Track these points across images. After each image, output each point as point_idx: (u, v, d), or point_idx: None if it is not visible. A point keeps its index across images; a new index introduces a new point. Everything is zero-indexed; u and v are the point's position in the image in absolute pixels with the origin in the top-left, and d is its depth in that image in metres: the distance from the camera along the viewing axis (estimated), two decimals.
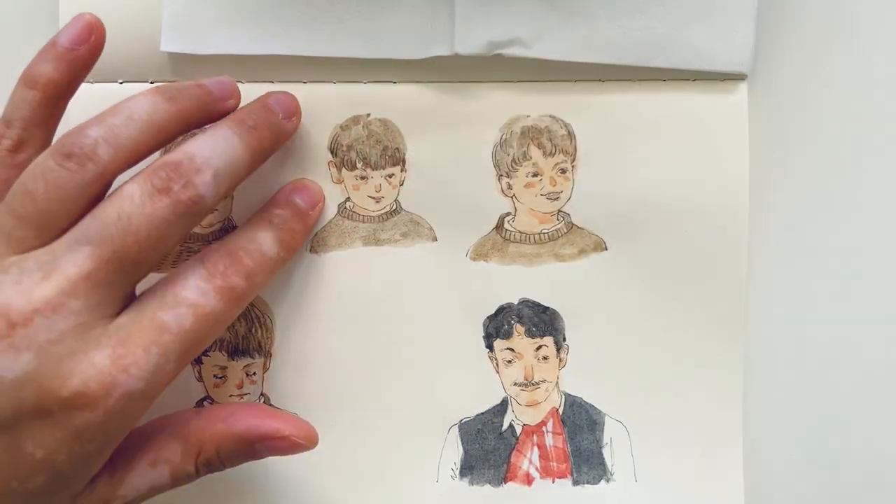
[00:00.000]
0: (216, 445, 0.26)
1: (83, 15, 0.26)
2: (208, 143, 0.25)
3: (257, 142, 0.27)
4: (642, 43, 0.29)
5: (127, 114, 0.25)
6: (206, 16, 0.29)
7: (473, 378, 0.30)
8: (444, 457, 0.30)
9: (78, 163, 0.24)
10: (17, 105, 0.26)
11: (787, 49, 0.30)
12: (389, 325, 0.30)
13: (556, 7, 0.29)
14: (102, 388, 0.23)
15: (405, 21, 0.29)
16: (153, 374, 0.24)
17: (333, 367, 0.30)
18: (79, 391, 0.23)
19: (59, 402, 0.23)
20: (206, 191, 0.25)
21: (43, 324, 0.23)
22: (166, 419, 0.27)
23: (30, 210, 0.24)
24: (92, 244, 0.24)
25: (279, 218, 0.28)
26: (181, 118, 0.26)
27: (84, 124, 0.25)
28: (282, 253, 0.28)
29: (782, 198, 0.30)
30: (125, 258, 0.24)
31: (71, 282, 0.23)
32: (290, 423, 0.27)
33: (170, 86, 0.26)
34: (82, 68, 0.26)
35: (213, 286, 0.25)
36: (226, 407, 0.27)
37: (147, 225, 0.24)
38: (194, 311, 0.25)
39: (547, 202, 0.30)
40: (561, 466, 0.30)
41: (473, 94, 0.30)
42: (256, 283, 0.27)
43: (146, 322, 0.24)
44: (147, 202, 0.24)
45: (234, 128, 0.26)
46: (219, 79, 0.28)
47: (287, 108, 0.28)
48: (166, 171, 0.24)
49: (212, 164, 0.25)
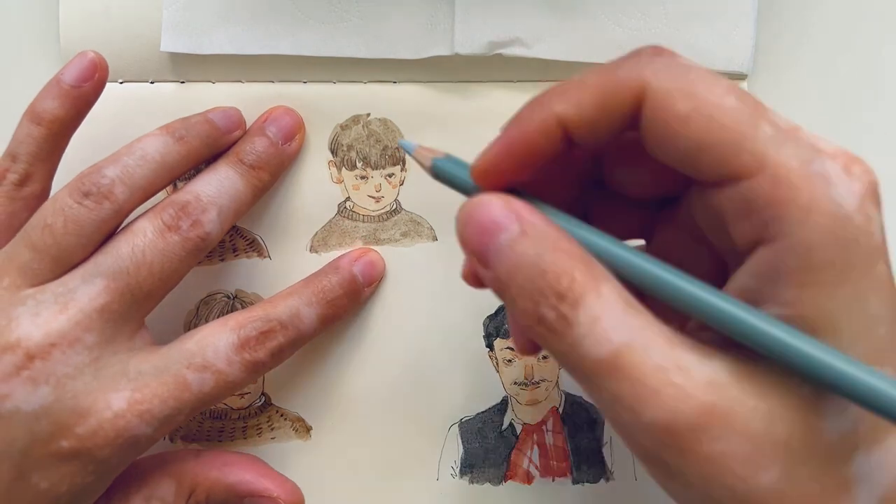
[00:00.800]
0: (207, 492, 0.27)
1: (86, 53, 0.27)
2: (213, 182, 0.27)
3: (258, 180, 0.28)
4: (643, 43, 0.29)
5: (140, 154, 0.26)
6: (205, 16, 0.29)
7: (474, 377, 0.30)
8: (445, 455, 0.30)
9: (96, 201, 0.25)
10: (22, 140, 0.26)
11: (787, 49, 0.30)
12: (389, 325, 0.30)
13: (556, 7, 0.29)
14: (115, 430, 0.24)
15: (405, 21, 0.29)
16: (164, 423, 0.25)
17: (333, 367, 0.30)
18: (94, 431, 0.24)
19: (73, 441, 0.24)
20: (212, 228, 0.26)
21: (60, 358, 0.24)
22: (165, 457, 0.28)
23: (48, 244, 0.25)
24: (107, 277, 0.25)
25: (333, 293, 0.28)
26: (191, 157, 0.27)
27: (101, 163, 0.26)
28: (319, 330, 0.28)
29: None
30: (138, 291, 0.25)
31: (86, 314, 0.24)
32: (282, 486, 0.27)
33: (180, 124, 0.27)
34: (85, 105, 0.27)
35: (240, 358, 0.26)
36: (224, 455, 0.28)
37: (160, 259, 0.25)
38: (217, 378, 0.25)
39: None
40: (561, 465, 0.30)
41: (473, 94, 0.30)
42: (283, 359, 0.27)
43: (170, 377, 0.25)
44: (159, 239, 0.25)
45: (236, 167, 0.28)
46: (225, 111, 0.29)
47: (288, 132, 0.29)
48: (175, 210, 0.26)
49: (216, 203, 0.26)
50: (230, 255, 0.30)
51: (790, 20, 0.30)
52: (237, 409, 0.30)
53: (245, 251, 0.30)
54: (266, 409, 0.30)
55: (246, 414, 0.30)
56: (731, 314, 0.17)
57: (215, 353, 0.25)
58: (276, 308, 0.27)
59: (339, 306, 0.28)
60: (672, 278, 0.18)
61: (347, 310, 0.29)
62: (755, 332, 0.17)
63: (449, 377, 0.30)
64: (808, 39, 0.30)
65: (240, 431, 0.30)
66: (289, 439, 0.30)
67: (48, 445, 0.24)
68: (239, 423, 0.30)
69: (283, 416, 0.31)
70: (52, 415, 0.24)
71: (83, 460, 0.24)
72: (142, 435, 0.24)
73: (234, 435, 0.30)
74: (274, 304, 0.27)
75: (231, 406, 0.30)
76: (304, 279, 0.29)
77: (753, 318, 0.17)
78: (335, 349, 0.30)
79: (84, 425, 0.24)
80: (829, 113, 0.30)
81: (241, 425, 0.30)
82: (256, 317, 0.26)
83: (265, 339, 0.26)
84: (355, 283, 0.29)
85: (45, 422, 0.24)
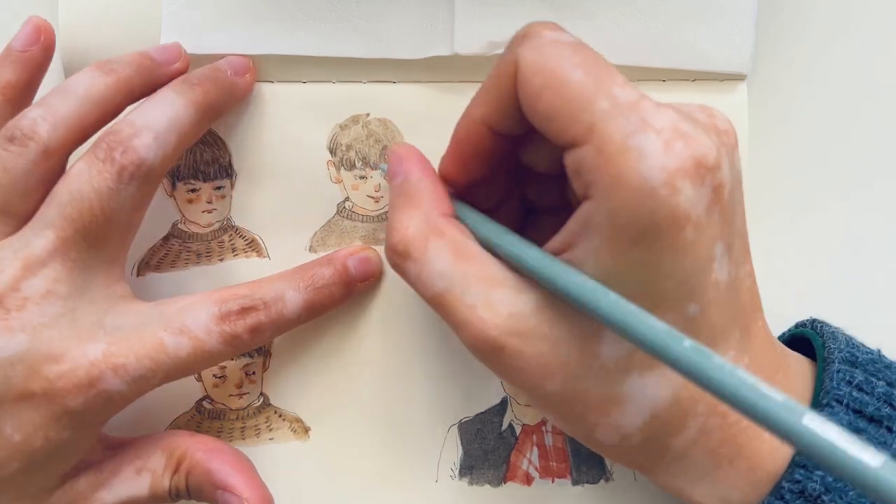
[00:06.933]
0: (189, 469, 0.27)
1: (31, 18, 0.27)
2: (148, 106, 0.26)
3: (202, 96, 0.27)
4: (642, 43, 0.29)
5: (64, 91, 0.26)
6: (205, 15, 0.29)
7: (473, 378, 0.30)
8: (444, 457, 0.30)
9: (20, 144, 0.25)
10: None
11: (786, 49, 0.30)
12: (389, 325, 0.30)
13: (556, 7, 0.29)
14: (88, 379, 0.24)
15: (405, 21, 0.29)
16: (136, 382, 0.25)
17: (333, 367, 0.30)
18: (67, 375, 0.24)
19: (45, 383, 0.24)
20: (148, 153, 0.25)
21: (35, 310, 0.24)
22: (163, 434, 0.28)
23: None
24: (54, 227, 0.24)
25: (322, 280, 0.28)
26: (122, 88, 0.26)
27: (26, 109, 0.25)
28: (304, 317, 0.28)
29: (781, 198, 0.30)
30: (89, 235, 0.25)
31: (48, 266, 0.24)
32: (255, 490, 0.26)
33: (110, 59, 0.27)
34: (37, 68, 0.27)
35: (219, 329, 0.26)
36: (216, 442, 0.28)
37: (99, 198, 0.25)
38: (194, 345, 0.25)
39: None
40: (560, 466, 0.30)
41: (473, 93, 0.30)
42: (262, 339, 0.27)
43: (147, 335, 0.25)
44: (95, 176, 0.25)
45: (175, 87, 0.27)
46: (163, 45, 0.28)
47: (237, 67, 0.29)
48: (107, 142, 0.25)
49: (152, 127, 0.25)
50: (229, 254, 0.30)
51: (790, 20, 0.30)
52: (235, 410, 0.30)
53: (244, 251, 0.30)
54: (264, 410, 0.30)
55: (244, 414, 0.30)
56: (530, 263, 0.21)
57: (195, 321, 0.25)
58: (262, 288, 0.27)
59: (328, 295, 0.28)
60: (497, 237, 0.23)
61: (337, 301, 0.28)
62: (544, 275, 0.21)
63: (448, 378, 0.30)
64: (807, 40, 0.30)
65: (238, 432, 0.30)
66: (287, 440, 0.30)
67: (22, 393, 0.24)
68: (237, 424, 0.30)
69: (282, 417, 0.30)
70: (26, 360, 0.24)
71: (55, 408, 0.24)
72: (115, 391, 0.24)
73: (233, 435, 0.30)
74: (260, 284, 0.27)
75: (229, 406, 0.30)
76: (297, 266, 0.29)
77: (545, 264, 0.21)
78: (334, 349, 0.30)
79: (57, 369, 0.24)
80: (828, 113, 0.30)
81: (240, 426, 0.30)
82: (241, 294, 0.27)
83: (246, 314, 0.26)
84: (347, 275, 0.28)
85: (20, 367, 0.24)
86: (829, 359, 0.24)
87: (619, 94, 0.20)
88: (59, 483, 0.26)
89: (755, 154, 0.30)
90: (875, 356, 0.24)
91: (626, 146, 0.19)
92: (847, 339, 0.25)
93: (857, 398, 0.22)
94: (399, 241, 0.23)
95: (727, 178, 0.21)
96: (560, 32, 0.22)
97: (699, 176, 0.20)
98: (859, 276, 0.30)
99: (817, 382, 0.24)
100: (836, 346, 0.24)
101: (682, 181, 0.19)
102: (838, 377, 0.23)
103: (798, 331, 0.27)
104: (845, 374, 0.23)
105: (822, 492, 0.22)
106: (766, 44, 0.30)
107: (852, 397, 0.22)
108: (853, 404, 0.22)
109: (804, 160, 0.30)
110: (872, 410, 0.22)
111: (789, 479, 0.22)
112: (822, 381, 0.23)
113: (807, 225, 0.30)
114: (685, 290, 0.21)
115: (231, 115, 0.30)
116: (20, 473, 0.24)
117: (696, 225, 0.20)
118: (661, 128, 0.20)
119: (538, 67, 0.21)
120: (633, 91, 0.20)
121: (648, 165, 0.19)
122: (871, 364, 0.24)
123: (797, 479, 0.22)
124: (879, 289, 0.30)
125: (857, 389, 0.23)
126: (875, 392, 0.23)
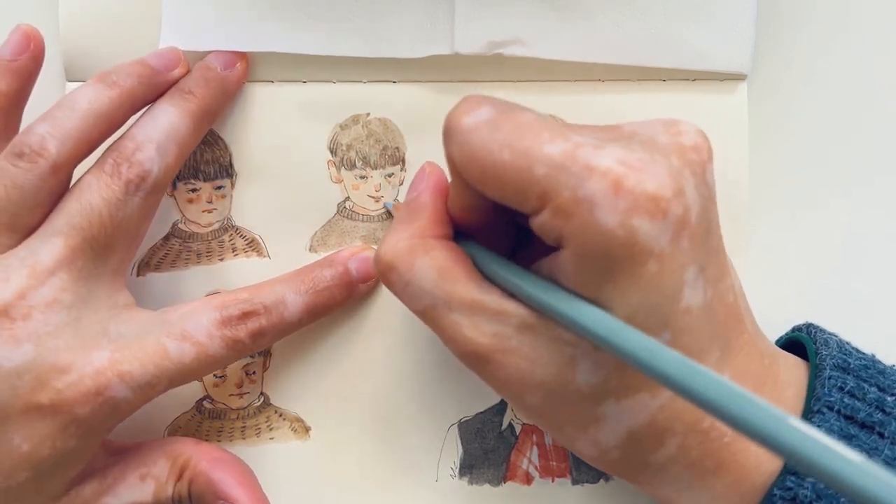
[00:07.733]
0: (192, 478, 0.27)
1: (20, 26, 0.27)
2: (147, 120, 0.27)
3: (195, 104, 0.28)
4: (642, 43, 0.29)
5: (69, 105, 0.26)
6: (205, 15, 0.29)
7: (473, 377, 0.30)
8: (444, 456, 0.30)
9: (30, 160, 0.25)
10: None
11: (787, 49, 0.30)
12: (388, 325, 0.30)
13: (556, 7, 0.29)
14: (95, 387, 0.24)
15: (405, 20, 0.29)
16: (142, 389, 0.25)
17: (333, 367, 0.30)
18: (74, 384, 0.24)
19: (53, 394, 0.24)
20: (151, 165, 0.26)
21: (41, 318, 0.24)
22: (167, 440, 0.28)
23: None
24: (63, 235, 0.25)
25: (323, 282, 0.28)
26: (125, 100, 0.27)
27: (32, 123, 0.26)
28: (305, 320, 0.28)
29: (782, 198, 0.30)
30: (97, 244, 0.25)
31: (54, 274, 0.25)
32: (255, 503, 0.27)
33: (111, 70, 0.27)
34: (27, 77, 0.27)
35: (221, 334, 0.26)
36: (221, 451, 0.28)
37: (108, 208, 0.25)
38: (197, 350, 0.26)
39: None
40: (560, 465, 0.30)
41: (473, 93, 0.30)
42: (264, 342, 0.27)
43: (150, 342, 0.25)
44: (103, 187, 0.25)
45: (170, 98, 0.27)
46: (160, 51, 0.28)
47: (226, 61, 0.29)
48: (113, 158, 0.26)
49: (152, 139, 0.26)
50: (230, 254, 0.30)
51: (790, 20, 0.30)
52: (236, 409, 0.30)
53: (244, 251, 0.30)
54: (265, 409, 0.30)
55: (245, 414, 0.30)
56: (523, 288, 0.22)
57: (196, 326, 0.26)
58: (262, 292, 0.27)
59: (329, 297, 0.28)
60: (490, 264, 0.23)
61: (339, 302, 0.29)
62: (532, 298, 0.22)
63: (448, 377, 0.30)
64: (808, 39, 0.30)
65: (238, 432, 0.30)
66: (288, 440, 0.30)
67: (29, 403, 0.24)
68: (238, 423, 0.30)
69: (282, 417, 0.30)
70: (33, 370, 0.24)
71: (63, 418, 0.24)
72: (122, 399, 0.25)
73: (233, 435, 0.30)
74: (260, 289, 0.27)
75: (230, 406, 0.30)
76: (298, 269, 0.29)
77: (536, 289, 0.22)
78: (334, 349, 0.30)
79: (64, 380, 0.24)
80: (828, 113, 0.30)
81: (241, 425, 0.30)
82: (241, 298, 0.27)
83: (246, 319, 0.27)
84: (348, 276, 0.29)
85: (27, 377, 0.24)
86: (820, 365, 0.24)
87: (552, 152, 0.20)
88: (65, 490, 0.26)
89: (755, 154, 0.30)
90: (868, 362, 0.24)
91: (576, 199, 0.20)
92: (840, 344, 0.25)
93: (849, 404, 0.23)
94: (386, 251, 0.24)
95: (693, 201, 0.20)
96: (475, 111, 0.22)
97: (658, 210, 0.20)
98: (859, 274, 0.30)
99: (809, 389, 0.24)
100: (829, 353, 0.24)
101: (638, 219, 0.20)
102: (829, 383, 0.23)
103: (794, 335, 0.27)
104: (836, 381, 0.23)
105: (814, 498, 0.22)
106: (766, 44, 0.30)
107: (844, 403, 0.23)
108: (845, 410, 0.22)
109: (804, 159, 0.30)
110: (864, 416, 0.23)
111: (780, 486, 0.22)
112: (814, 388, 0.23)
113: (807, 224, 0.30)
114: (657, 320, 0.21)
115: (231, 115, 0.30)
116: (28, 482, 0.25)
117: (658, 257, 0.20)
118: (605, 170, 0.20)
119: (469, 162, 0.22)
120: (564, 141, 0.20)
121: (602, 211, 0.20)
122: (864, 370, 0.24)
123: (788, 487, 0.22)
124: (880, 287, 0.30)
125: (848, 395, 0.23)
126: (867, 398, 0.23)
